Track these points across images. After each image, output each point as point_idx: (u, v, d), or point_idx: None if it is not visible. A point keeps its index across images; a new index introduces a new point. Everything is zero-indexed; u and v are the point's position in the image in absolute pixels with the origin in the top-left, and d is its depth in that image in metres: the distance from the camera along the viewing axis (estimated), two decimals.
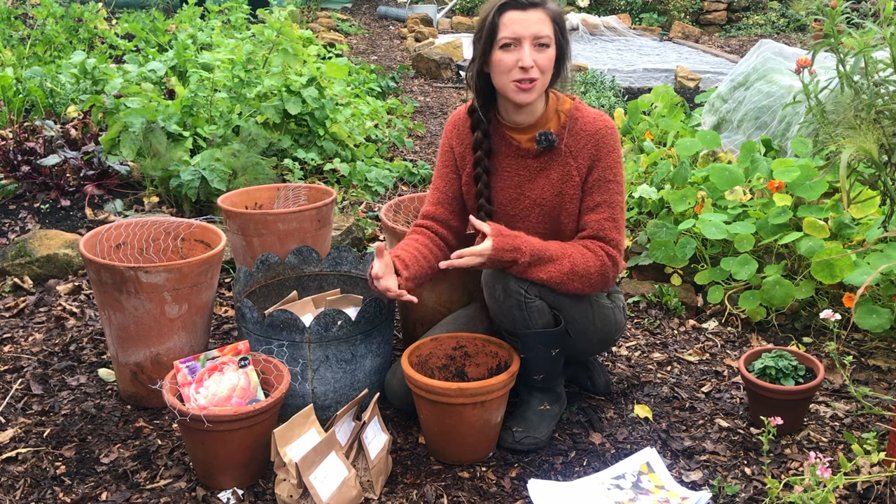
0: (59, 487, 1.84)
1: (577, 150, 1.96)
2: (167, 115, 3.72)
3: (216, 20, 6.18)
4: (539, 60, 1.86)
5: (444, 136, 2.13)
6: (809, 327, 2.67)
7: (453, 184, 2.12)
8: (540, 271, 1.90)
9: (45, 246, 2.96)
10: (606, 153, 1.95)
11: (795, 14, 10.31)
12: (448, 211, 2.12)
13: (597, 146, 1.95)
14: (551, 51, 1.89)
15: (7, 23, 5.92)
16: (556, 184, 1.98)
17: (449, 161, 2.12)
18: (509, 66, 1.87)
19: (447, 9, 10.73)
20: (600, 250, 1.93)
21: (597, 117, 1.98)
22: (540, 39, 1.86)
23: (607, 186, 1.96)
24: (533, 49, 1.86)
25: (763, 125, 3.85)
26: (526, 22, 1.85)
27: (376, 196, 3.99)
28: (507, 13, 1.87)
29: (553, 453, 2.02)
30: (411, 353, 2.01)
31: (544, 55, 1.87)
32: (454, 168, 2.11)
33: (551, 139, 1.95)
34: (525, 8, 1.86)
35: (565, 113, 1.99)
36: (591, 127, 1.96)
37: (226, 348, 1.96)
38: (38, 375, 2.30)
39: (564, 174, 1.97)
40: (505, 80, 1.89)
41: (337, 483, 1.75)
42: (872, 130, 2.22)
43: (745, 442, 2.06)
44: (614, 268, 1.95)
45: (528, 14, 1.86)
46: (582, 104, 2.01)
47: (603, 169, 1.95)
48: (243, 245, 2.59)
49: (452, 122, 2.12)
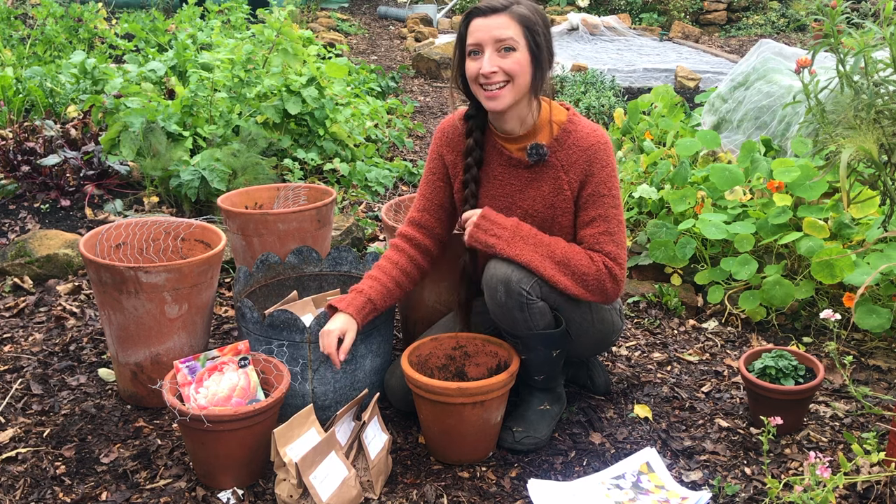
0: (59, 487, 1.84)
1: (569, 164, 1.94)
2: (167, 115, 3.72)
3: (216, 20, 6.18)
4: (503, 64, 1.84)
5: (434, 144, 2.12)
6: (809, 327, 2.67)
7: (439, 192, 2.11)
8: (528, 250, 1.89)
9: (45, 246, 2.96)
10: (599, 168, 1.93)
11: (795, 14, 10.31)
12: (433, 218, 2.12)
13: (589, 161, 1.93)
14: (518, 54, 1.85)
15: (7, 23, 5.92)
16: (548, 196, 1.97)
17: (437, 169, 2.11)
18: (474, 73, 1.87)
19: (447, 9, 10.73)
20: (598, 259, 1.92)
21: (590, 132, 1.95)
22: (503, 43, 1.83)
23: (602, 201, 1.93)
24: (496, 54, 1.84)
25: (763, 125, 3.85)
26: (488, 27, 1.84)
27: (376, 196, 3.99)
28: (472, 21, 1.87)
29: (553, 453, 2.02)
30: (411, 353, 2.01)
31: (510, 59, 1.84)
32: (442, 176, 2.11)
33: (542, 152, 1.93)
34: (487, 14, 1.85)
35: (559, 125, 1.96)
36: (583, 142, 1.94)
37: (226, 348, 1.96)
38: (38, 375, 2.30)
39: (555, 187, 1.96)
40: (475, 87, 1.89)
41: (337, 483, 1.75)
42: (872, 130, 2.22)
43: (745, 442, 2.06)
44: (612, 280, 1.92)
45: (490, 20, 1.84)
46: (577, 116, 1.98)
47: (596, 184, 1.93)
48: (243, 245, 2.59)
49: (442, 130, 2.11)
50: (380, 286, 2.04)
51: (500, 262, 1.91)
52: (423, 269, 2.13)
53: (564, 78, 6.47)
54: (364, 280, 2.06)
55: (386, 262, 2.09)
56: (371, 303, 2.01)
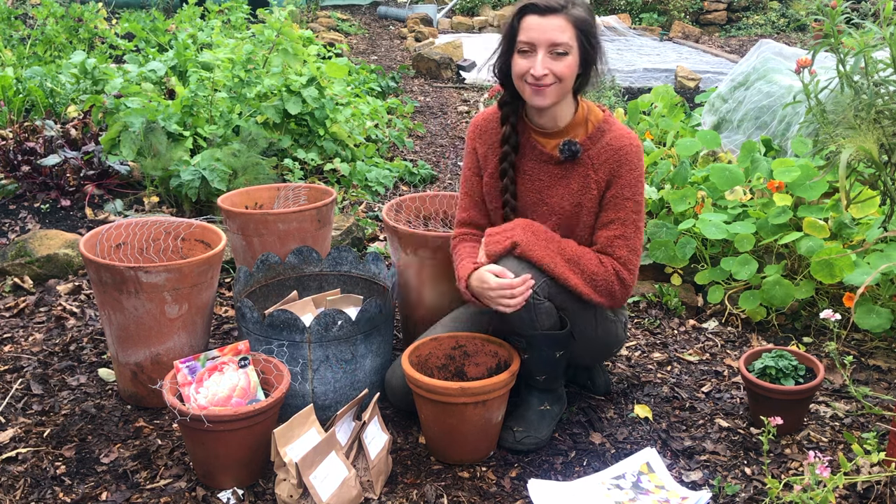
0: (59, 487, 1.84)
1: (599, 162, 1.94)
2: (167, 114, 3.72)
3: (216, 20, 6.18)
4: (555, 68, 1.84)
5: (468, 139, 2.13)
6: (809, 327, 2.67)
7: (481, 187, 2.12)
8: (539, 247, 1.89)
9: (45, 246, 2.96)
10: (627, 171, 1.93)
11: (795, 14, 10.31)
12: (480, 214, 2.13)
13: (618, 162, 1.93)
14: (570, 58, 1.85)
15: (7, 23, 5.93)
16: (575, 194, 1.97)
17: (473, 165, 2.11)
18: (523, 71, 1.86)
19: (447, 9, 10.74)
20: (609, 264, 1.92)
21: (624, 134, 1.96)
22: (557, 47, 1.83)
23: (624, 204, 1.94)
24: (548, 56, 1.83)
25: (763, 125, 3.85)
26: (543, 28, 1.82)
27: (376, 196, 3.99)
28: (526, 17, 1.85)
29: (553, 453, 2.02)
30: (411, 353, 2.01)
31: (561, 63, 1.84)
32: (478, 170, 2.11)
33: (575, 149, 1.93)
34: (544, 13, 1.83)
35: (595, 124, 1.97)
36: (616, 143, 1.94)
37: (226, 348, 1.96)
38: (38, 375, 2.30)
39: (584, 185, 1.96)
40: (521, 84, 1.89)
41: (337, 483, 1.75)
42: (872, 130, 2.22)
43: (745, 442, 2.06)
44: (621, 284, 1.93)
45: (547, 20, 1.83)
46: (613, 118, 1.99)
47: (621, 186, 1.93)
48: (243, 245, 2.59)
49: (475, 123, 2.11)
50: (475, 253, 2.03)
51: (509, 261, 1.91)
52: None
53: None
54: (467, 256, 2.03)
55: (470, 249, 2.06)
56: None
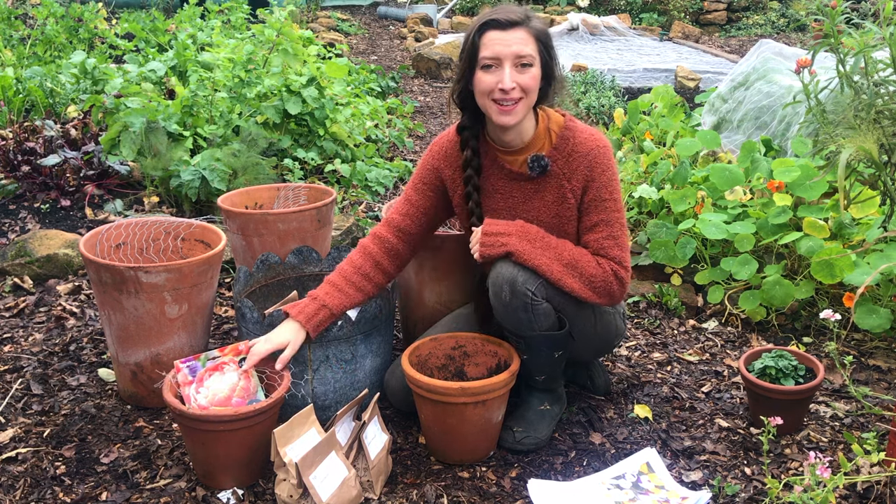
0: (59, 487, 1.84)
1: (571, 171, 1.94)
2: (167, 114, 3.72)
3: (216, 20, 6.19)
4: (521, 81, 1.83)
5: (429, 156, 2.09)
6: (809, 327, 2.67)
7: (427, 199, 2.09)
8: (536, 253, 1.89)
9: (45, 246, 2.96)
10: (600, 173, 1.93)
11: (795, 14, 10.31)
12: (415, 223, 2.09)
13: (590, 167, 1.92)
14: (535, 70, 1.85)
15: (7, 23, 5.93)
16: (552, 206, 1.96)
17: (429, 180, 2.08)
18: (490, 87, 1.84)
19: (447, 9, 10.74)
20: (606, 265, 1.92)
21: (589, 137, 1.95)
22: (522, 59, 1.83)
23: (604, 205, 1.94)
24: (514, 69, 1.83)
25: (763, 125, 3.85)
26: (507, 41, 1.82)
27: (376, 196, 3.99)
28: (487, 33, 1.84)
29: (553, 453, 2.02)
30: (411, 353, 2.01)
31: (527, 75, 1.84)
32: (433, 187, 2.08)
33: (544, 163, 1.93)
34: (506, 28, 1.82)
35: (556, 132, 1.96)
36: (583, 148, 1.93)
37: (226, 348, 1.96)
38: (38, 375, 2.30)
39: (559, 196, 1.95)
40: (486, 101, 1.87)
41: (337, 483, 1.75)
42: (872, 130, 2.22)
43: (745, 442, 2.06)
44: (619, 283, 1.93)
45: (510, 34, 1.82)
46: (573, 121, 1.98)
47: (598, 188, 1.93)
48: (243, 245, 2.59)
49: (440, 144, 2.08)
50: (337, 293, 2.00)
51: (506, 263, 1.91)
52: (390, 275, 2.09)
53: (564, 78, 6.48)
54: (323, 285, 2.02)
55: (349, 267, 2.05)
56: (326, 309, 1.97)
